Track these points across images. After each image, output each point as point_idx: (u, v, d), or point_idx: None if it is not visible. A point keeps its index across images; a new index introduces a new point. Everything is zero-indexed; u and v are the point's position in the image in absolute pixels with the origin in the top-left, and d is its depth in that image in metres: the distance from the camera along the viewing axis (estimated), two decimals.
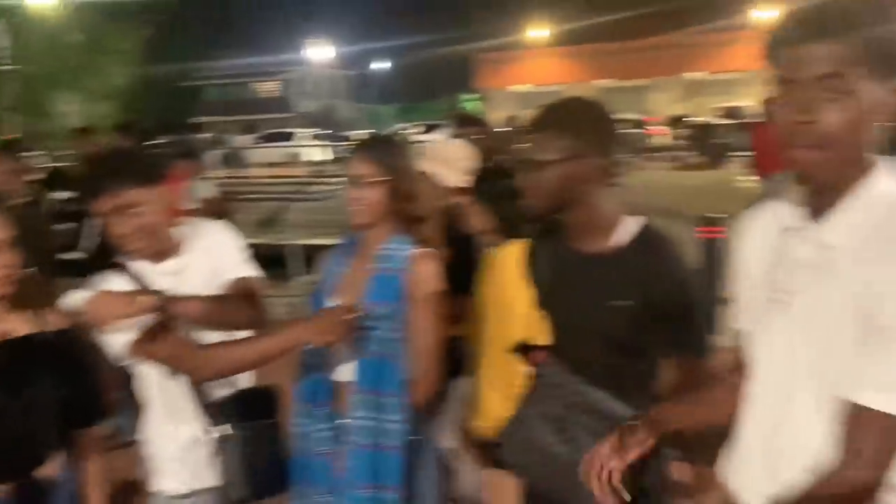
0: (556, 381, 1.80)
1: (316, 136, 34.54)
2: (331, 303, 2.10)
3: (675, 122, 26.91)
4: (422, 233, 2.16)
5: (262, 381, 2.22)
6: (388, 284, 2.06)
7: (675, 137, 24.25)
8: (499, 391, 2.05)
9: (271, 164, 29.32)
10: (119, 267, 2.02)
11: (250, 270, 2.14)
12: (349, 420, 2.04)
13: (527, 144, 1.81)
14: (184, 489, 2.07)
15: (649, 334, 1.73)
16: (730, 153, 19.52)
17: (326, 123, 45.29)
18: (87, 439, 2.01)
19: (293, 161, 31.20)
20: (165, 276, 2.02)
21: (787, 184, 1.32)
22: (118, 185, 1.90)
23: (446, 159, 2.83)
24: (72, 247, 4.80)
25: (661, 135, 26.56)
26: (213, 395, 2.05)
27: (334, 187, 11.35)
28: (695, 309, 1.75)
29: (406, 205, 2.11)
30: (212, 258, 2.10)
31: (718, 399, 1.53)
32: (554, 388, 1.80)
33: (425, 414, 2.13)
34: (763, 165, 9.61)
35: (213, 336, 2.03)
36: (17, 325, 1.88)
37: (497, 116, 29.75)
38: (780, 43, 1.22)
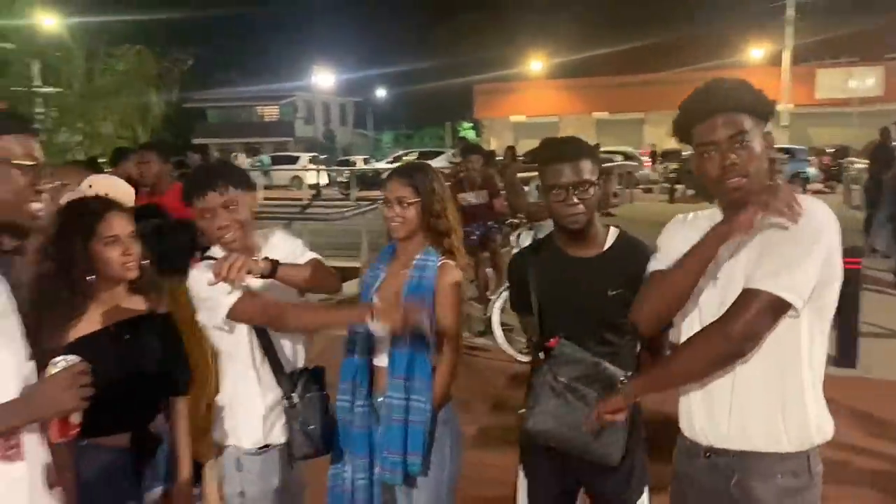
0: (574, 358, 2.23)
1: (312, 160, 35.01)
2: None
3: (666, 155, 27.28)
4: (448, 244, 2.55)
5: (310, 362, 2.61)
6: (421, 289, 2.43)
7: (662, 170, 24.64)
8: None
9: (276, 187, 29.82)
10: (212, 259, 2.40)
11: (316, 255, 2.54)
12: (384, 398, 2.45)
13: (574, 169, 2.23)
14: (258, 445, 2.44)
15: None
16: None
17: (325, 148, 45.84)
18: (179, 403, 2.39)
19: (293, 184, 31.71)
20: None
21: None
22: (224, 186, 2.33)
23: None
24: None
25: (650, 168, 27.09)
26: (287, 368, 2.45)
27: (332, 210, 11.56)
28: None
29: (435, 220, 2.52)
30: (282, 258, 2.47)
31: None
32: (571, 364, 2.23)
33: (446, 395, 2.52)
34: None
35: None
36: (137, 304, 2.27)
37: (496, 145, 30.26)
38: (693, 119, 1.83)
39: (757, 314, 1.67)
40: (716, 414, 1.83)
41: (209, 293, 2.28)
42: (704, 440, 1.86)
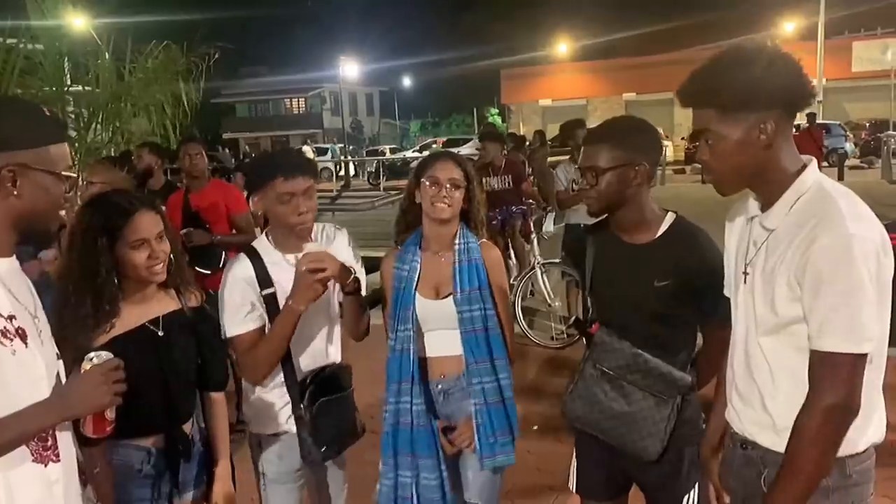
0: (612, 347, 2.17)
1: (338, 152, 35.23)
2: (420, 294, 2.46)
3: (695, 136, 26.60)
4: (482, 234, 2.55)
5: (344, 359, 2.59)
6: (473, 270, 2.44)
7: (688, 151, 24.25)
8: None
9: None
10: (252, 252, 2.38)
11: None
12: (472, 386, 2.42)
13: (586, 154, 2.19)
14: (274, 431, 2.43)
15: (685, 307, 2.13)
16: None
17: (353, 138, 45.97)
18: (215, 401, 2.35)
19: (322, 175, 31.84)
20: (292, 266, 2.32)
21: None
22: (310, 173, 2.33)
23: None
24: None
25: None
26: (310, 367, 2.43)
27: (362, 200, 11.54)
28: (719, 285, 2.00)
29: (476, 207, 2.52)
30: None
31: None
32: (610, 353, 2.17)
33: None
34: None
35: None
36: (167, 302, 2.21)
37: (524, 129, 30.08)
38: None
39: (843, 376, 1.57)
40: (748, 409, 1.79)
41: (227, 309, 2.34)
42: (740, 432, 1.83)
